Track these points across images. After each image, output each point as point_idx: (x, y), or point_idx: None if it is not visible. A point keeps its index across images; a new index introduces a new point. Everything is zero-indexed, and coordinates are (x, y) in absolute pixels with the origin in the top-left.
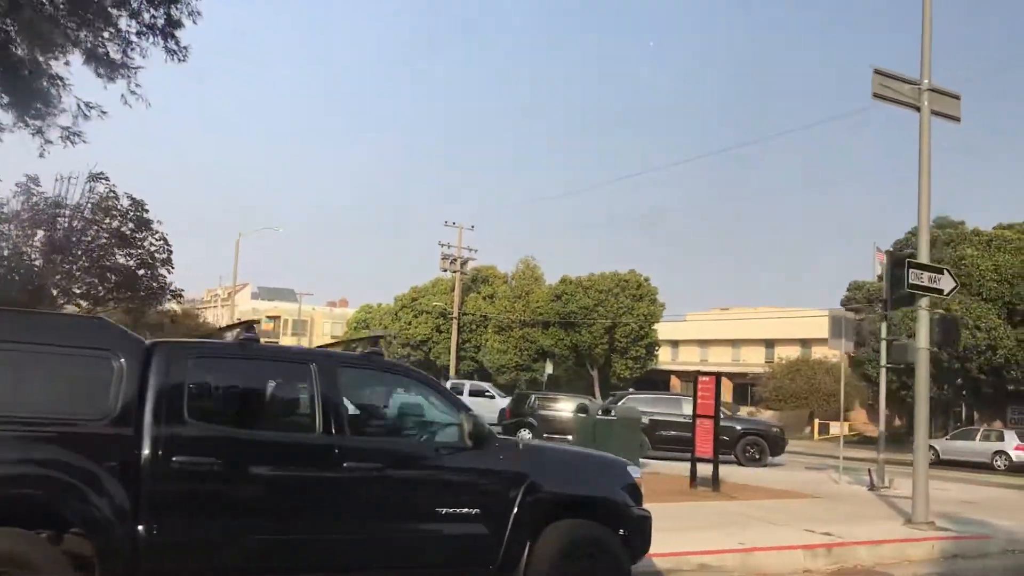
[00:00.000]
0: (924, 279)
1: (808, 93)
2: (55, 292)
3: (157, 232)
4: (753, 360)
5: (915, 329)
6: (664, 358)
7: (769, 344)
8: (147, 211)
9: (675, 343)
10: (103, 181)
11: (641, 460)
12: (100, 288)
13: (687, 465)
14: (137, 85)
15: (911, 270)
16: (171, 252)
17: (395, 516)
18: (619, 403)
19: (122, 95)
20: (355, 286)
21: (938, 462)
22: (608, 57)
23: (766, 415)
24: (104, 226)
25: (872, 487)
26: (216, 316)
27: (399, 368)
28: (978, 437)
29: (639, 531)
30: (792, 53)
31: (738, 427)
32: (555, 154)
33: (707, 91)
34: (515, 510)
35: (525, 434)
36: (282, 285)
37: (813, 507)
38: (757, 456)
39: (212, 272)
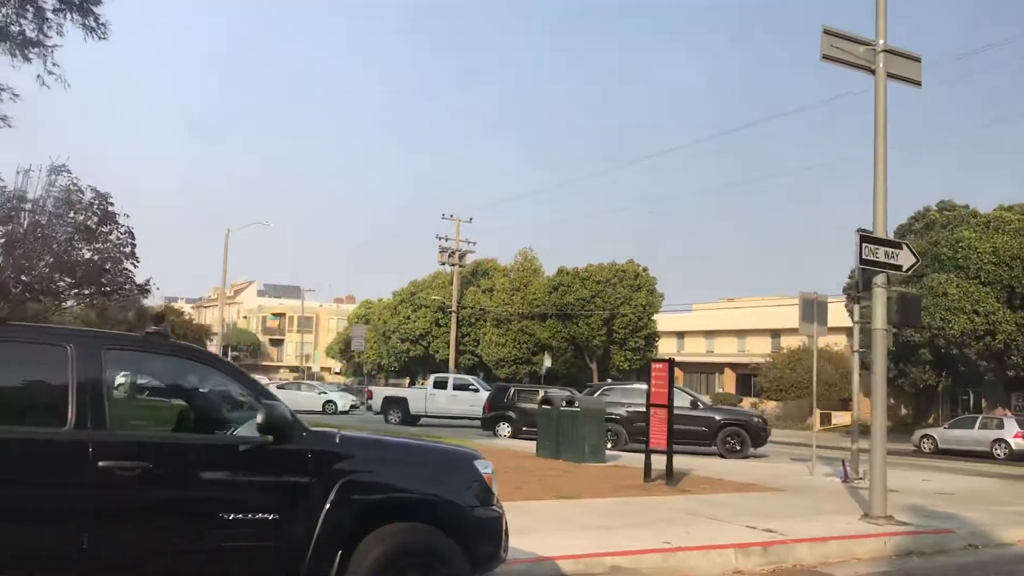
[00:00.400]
0: (880, 254)
1: (813, 73)
2: (16, 289)
3: (123, 226)
4: (759, 350)
5: (872, 309)
6: (670, 349)
7: (775, 334)
8: (112, 204)
9: (680, 334)
10: (65, 173)
11: (610, 453)
12: (62, 283)
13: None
14: (55, 64)
15: (864, 244)
16: (134, 245)
17: (166, 525)
18: (596, 394)
19: (38, 75)
20: (363, 282)
21: (936, 451)
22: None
23: (769, 406)
24: (68, 220)
25: (846, 479)
26: (225, 314)
27: (186, 351)
28: (977, 425)
29: (485, 535)
30: (796, 32)
31: (718, 417)
32: (558, 142)
33: (707, 74)
34: (324, 515)
35: (504, 428)
36: (289, 282)
37: (770, 501)
38: (738, 447)
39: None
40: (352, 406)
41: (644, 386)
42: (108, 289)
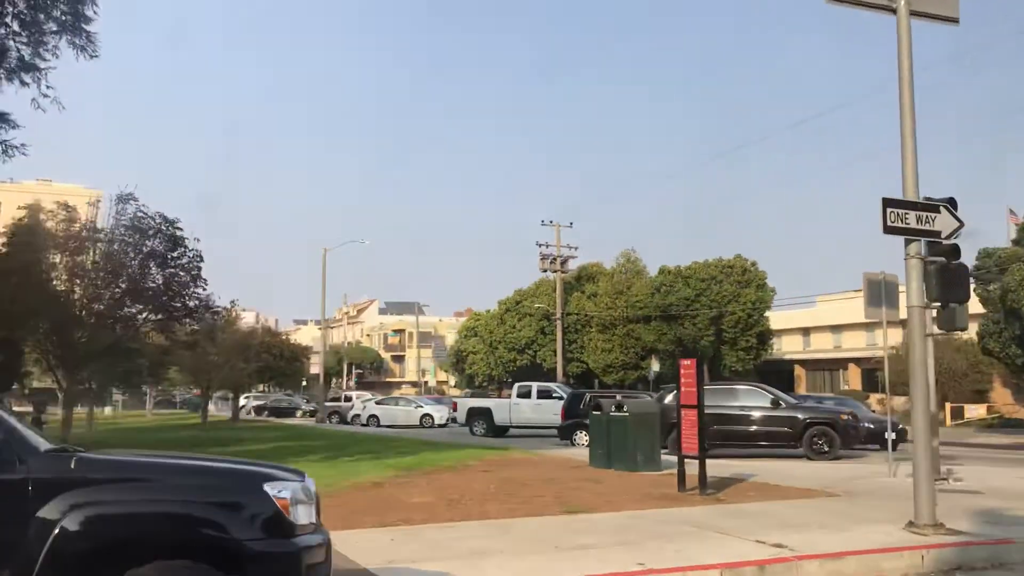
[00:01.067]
0: (910, 219)
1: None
2: (91, 320)
3: (192, 249)
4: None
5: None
6: (794, 347)
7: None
8: (180, 229)
9: (806, 330)
10: (132, 201)
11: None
12: (132, 309)
13: (729, 464)
14: (48, 87)
15: (888, 209)
16: (200, 268)
17: None
18: (668, 396)
19: (33, 99)
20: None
21: None
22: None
23: (897, 402)
24: (139, 247)
25: None
26: (348, 333)
27: None
28: None
29: (271, 573)
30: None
31: (802, 416)
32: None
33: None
34: (44, 557)
35: (581, 436)
36: (410, 299)
37: (811, 510)
38: (826, 448)
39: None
40: (451, 419)
41: (721, 385)
42: (178, 313)
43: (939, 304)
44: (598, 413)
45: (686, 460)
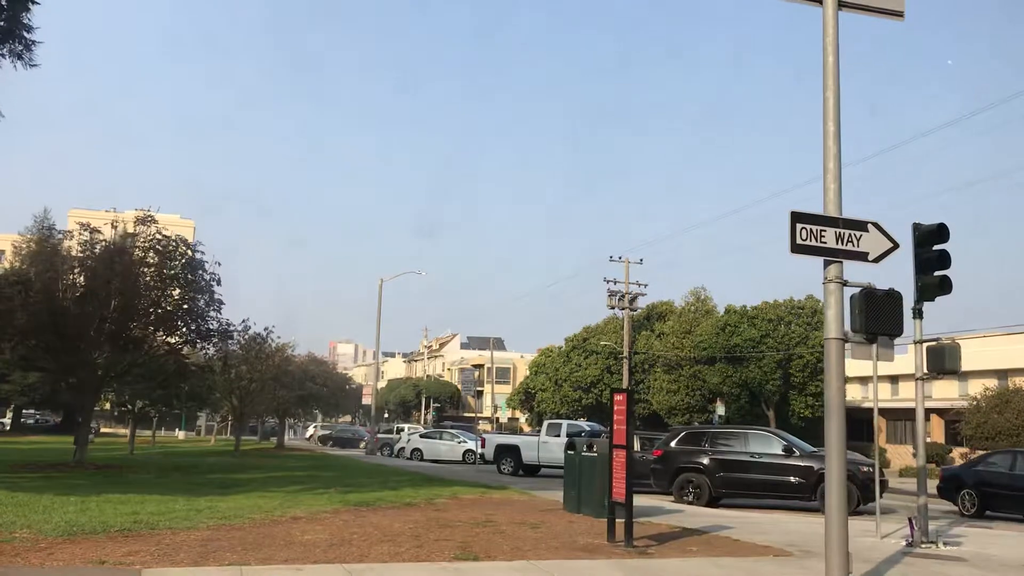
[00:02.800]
0: (828, 237)
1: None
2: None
3: (211, 273)
4: (946, 394)
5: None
6: (882, 395)
7: (1002, 375)
8: (200, 252)
9: (894, 378)
10: (152, 224)
11: (672, 507)
12: (138, 331)
13: (721, 514)
14: None
15: (799, 225)
16: (213, 292)
17: None
18: (674, 440)
19: None
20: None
21: None
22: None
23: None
24: (164, 271)
25: (911, 542)
26: (429, 367)
27: None
28: None
29: None
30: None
31: (816, 467)
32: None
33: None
34: None
35: None
36: (494, 333)
37: (738, 572)
38: None
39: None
40: (480, 455)
41: (729, 429)
42: (193, 336)
43: (864, 337)
44: (571, 453)
45: (617, 507)
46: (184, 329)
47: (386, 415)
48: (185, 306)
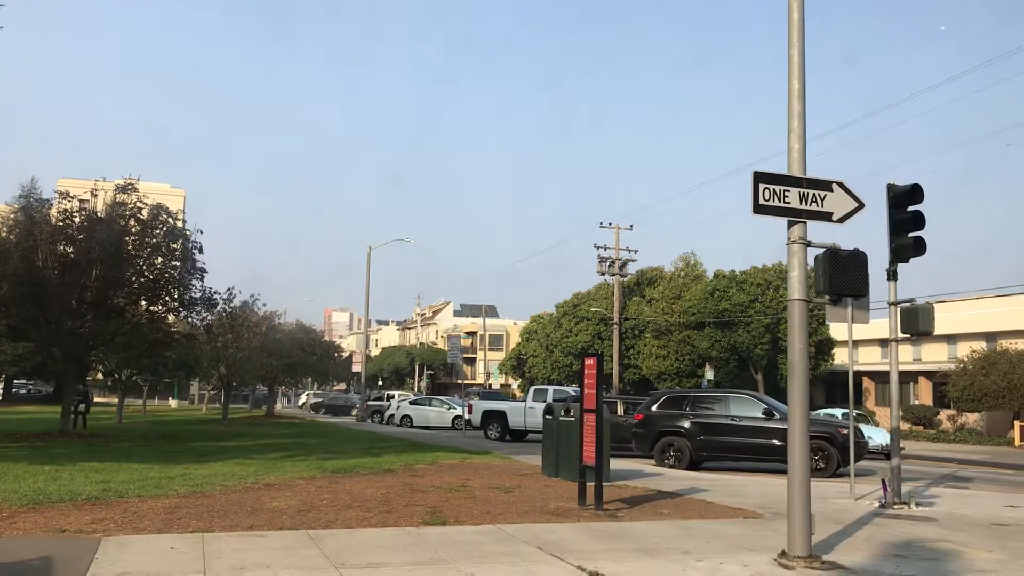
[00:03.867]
0: (791, 197)
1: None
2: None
3: (192, 241)
4: (935, 357)
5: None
6: (872, 358)
7: (991, 337)
8: (179, 220)
9: (883, 341)
10: (134, 192)
11: (654, 470)
12: (120, 300)
13: (701, 477)
14: None
15: (762, 185)
16: (195, 261)
17: None
18: (655, 403)
19: None
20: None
21: None
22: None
23: (972, 418)
24: (146, 240)
25: (883, 504)
26: (422, 335)
27: None
28: None
29: None
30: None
31: None
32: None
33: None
34: None
35: None
36: (484, 302)
37: (703, 534)
38: (822, 465)
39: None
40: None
41: (710, 393)
42: (176, 305)
43: (828, 298)
44: (550, 418)
45: (588, 471)
46: (167, 298)
47: (380, 383)
48: (167, 275)
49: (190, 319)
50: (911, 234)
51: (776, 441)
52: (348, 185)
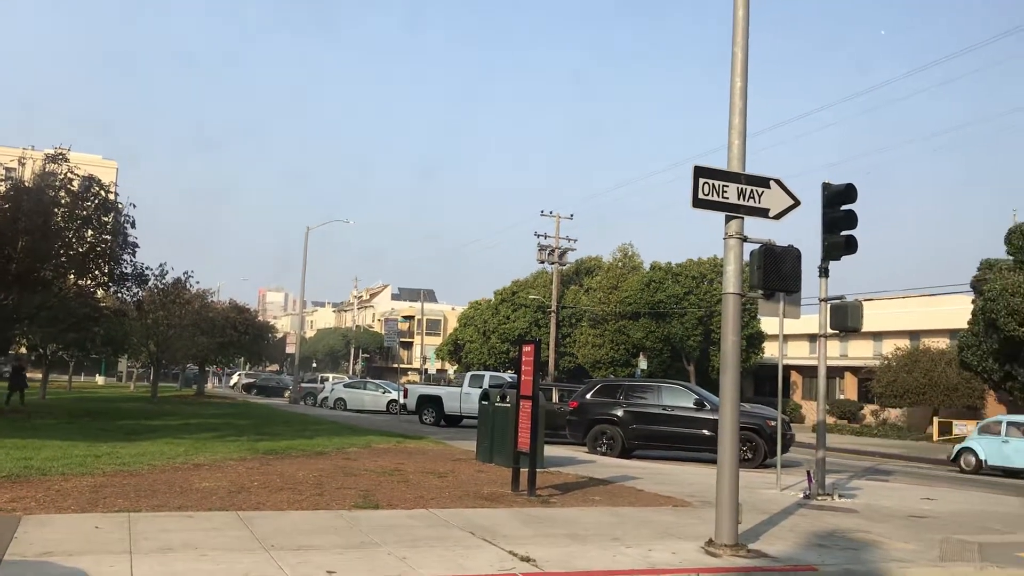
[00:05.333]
0: (730, 193)
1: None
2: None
3: (124, 215)
4: (861, 353)
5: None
6: (800, 352)
7: (914, 335)
8: (111, 192)
9: (812, 337)
10: (64, 162)
11: (587, 457)
12: (47, 273)
13: (633, 465)
14: None
15: (702, 179)
16: (127, 235)
17: None
18: (590, 392)
19: None
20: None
21: None
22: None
23: (893, 414)
24: (76, 212)
25: (808, 495)
26: (359, 317)
27: None
28: None
29: None
30: None
31: None
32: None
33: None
34: None
35: None
36: (423, 286)
37: (632, 521)
38: (749, 456)
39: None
40: (402, 406)
41: (643, 382)
42: (106, 279)
43: (762, 292)
44: (486, 403)
45: (522, 457)
46: (96, 272)
47: (314, 364)
48: (98, 248)
49: (120, 294)
50: (844, 232)
51: (706, 431)
52: (287, 163)
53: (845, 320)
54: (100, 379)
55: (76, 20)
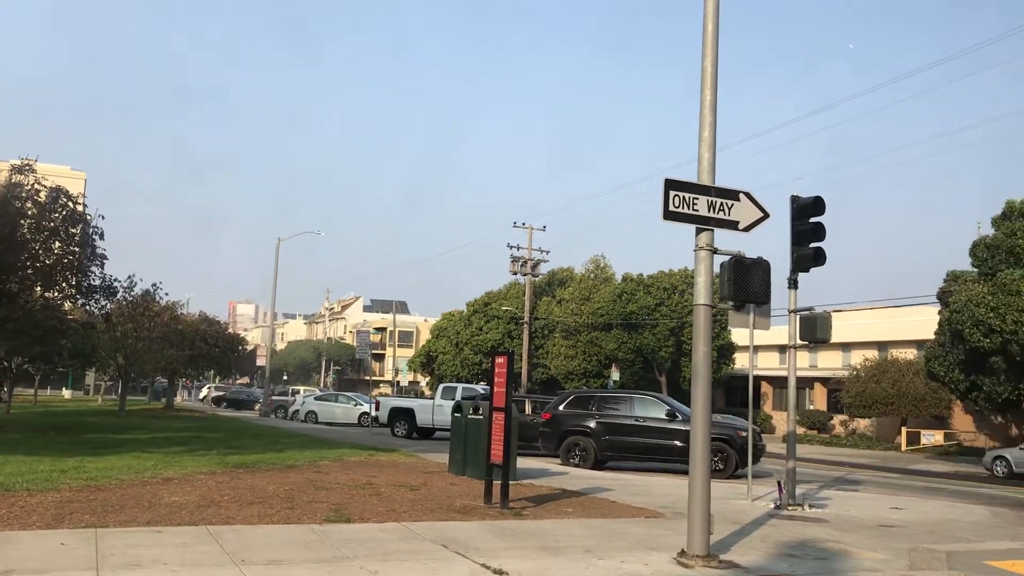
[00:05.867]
0: (700, 205)
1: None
2: None
3: (92, 227)
4: (830, 364)
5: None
6: (770, 363)
7: (883, 346)
8: (78, 204)
9: (783, 348)
10: (31, 173)
11: (559, 469)
12: (13, 285)
13: (606, 476)
14: None
15: (672, 192)
16: (95, 247)
17: None
18: (562, 403)
19: None
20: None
21: (1011, 475)
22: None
23: (862, 424)
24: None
25: (779, 505)
26: (331, 329)
27: None
28: None
29: None
30: None
31: None
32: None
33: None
34: None
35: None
36: (395, 298)
37: (605, 532)
38: (721, 466)
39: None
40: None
41: (616, 393)
42: (74, 292)
43: (732, 304)
44: (458, 416)
45: (495, 469)
46: (64, 284)
47: (285, 377)
48: (65, 260)
49: (88, 307)
50: (812, 244)
51: (678, 442)
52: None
53: (814, 331)
54: (67, 393)
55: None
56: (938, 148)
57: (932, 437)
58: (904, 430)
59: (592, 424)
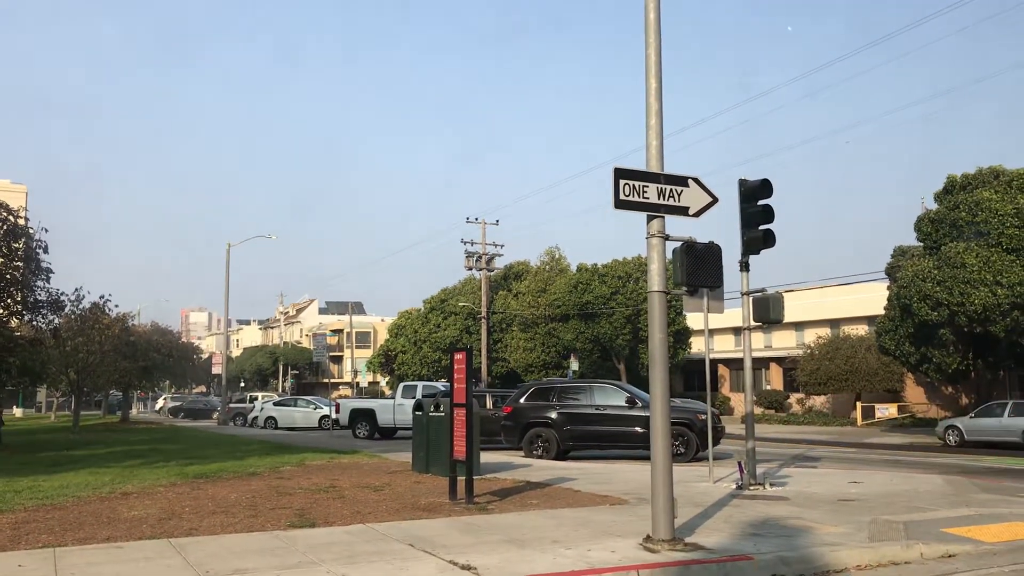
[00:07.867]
0: (650, 193)
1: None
2: None
3: (36, 240)
4: (784, 344)
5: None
6: (726, 346)
7: (835, 324)
8: (19, 217)
9: (737, 330)
10: None
11: (524, 462)
12: None
13: (569, 466)
14: None
15: (622, 181)
16: (39, 261)
17: None
18: (524, 395)
19: None
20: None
21: (962, 444)
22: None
23: (818, 401)
24: None
25: (740, 486)
26: (287, 333)
27: None
28: (1006, 412)
29: None
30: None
31: None
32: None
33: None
34: None
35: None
36: (351, 299)
37: (571, 522)
38: (682, 450)
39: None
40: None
41: (576, 383)
42: (19, 307)
43: (686, 289)
44: (419, 414)
45: (458, 466)
46: (8, 300)
47: (242, 384)
48: (8, 276)
49: (35, 322)
50: (761, 227)
51: (639, 428)
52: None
53: (767, 312)
54: (18, 411)
55: None
56: (882, 128)
57: (886, 411)
58: (859, 405)
59: (553, 415)
